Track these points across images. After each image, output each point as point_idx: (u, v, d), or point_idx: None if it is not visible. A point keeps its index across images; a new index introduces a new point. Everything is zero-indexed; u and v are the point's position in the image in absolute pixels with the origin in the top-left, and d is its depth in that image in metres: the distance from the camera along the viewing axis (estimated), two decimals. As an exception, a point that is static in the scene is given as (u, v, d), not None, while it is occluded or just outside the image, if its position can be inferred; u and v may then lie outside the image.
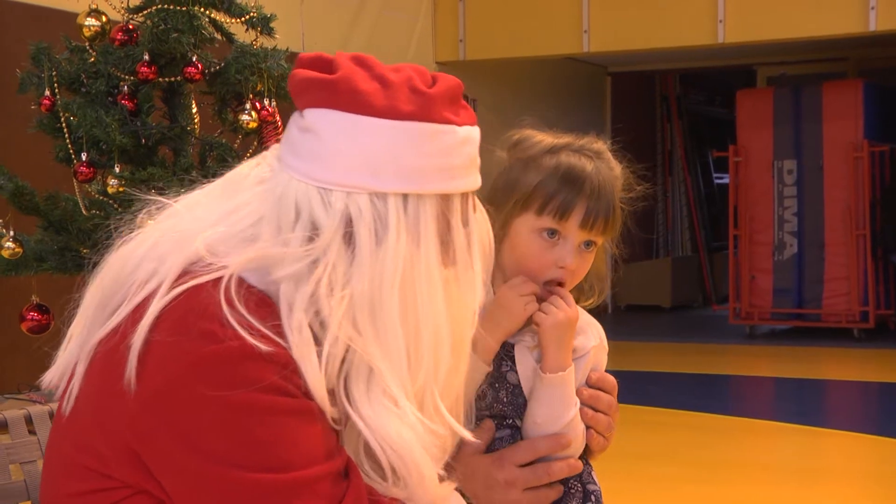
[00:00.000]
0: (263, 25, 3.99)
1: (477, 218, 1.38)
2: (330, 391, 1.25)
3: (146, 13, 3.88)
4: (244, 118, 3.87)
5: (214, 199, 1.35)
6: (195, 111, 3.99)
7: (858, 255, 10.03)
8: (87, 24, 3.86)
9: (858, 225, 10.01)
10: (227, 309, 1.22)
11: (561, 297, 1.58)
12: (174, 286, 1.25)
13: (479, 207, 1.40)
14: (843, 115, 10.08)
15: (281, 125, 3.87)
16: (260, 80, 3.90)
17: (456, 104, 1.32)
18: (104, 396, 1.25)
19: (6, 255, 3.81)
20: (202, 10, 3.87)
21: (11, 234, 3.82)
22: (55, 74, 3.82)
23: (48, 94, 3.81)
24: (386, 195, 1.27)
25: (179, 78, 3.85)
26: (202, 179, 1.41)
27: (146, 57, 3.77)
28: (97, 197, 3.85)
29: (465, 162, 1.32)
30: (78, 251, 3.79)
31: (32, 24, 5.79)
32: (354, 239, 1.26)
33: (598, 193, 1.58)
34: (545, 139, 1.64)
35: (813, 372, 8.73)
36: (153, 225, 1.35)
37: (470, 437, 1.34)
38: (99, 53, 3.86)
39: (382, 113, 1.27)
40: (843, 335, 10.09)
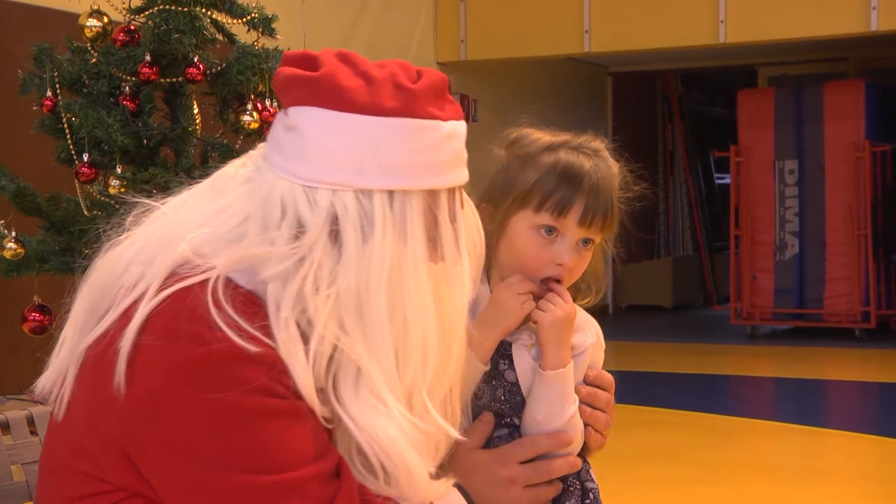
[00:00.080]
0: (265, 26, 3.99)
1: (465, 213, 1.37)
2: (320, 390, 1.24)
3: (148, 14, 3.88)
4: (246, 119, 3.87)
5: (201, 199, 1.34)
6: (197, 112, 3.99)
7: (860, 255, 10.03)
8: (88, 24, 3.86)
9: (860, 225, 10.01)
10: (214, 310, 1.21)
11: (558, 293, 1.58)
12: (161, 289, 1.24)
13: (467, 202, 1.39)
14: (844, 115, 10.08)
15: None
16: (261, 80, 3.91)
17: (441, 99, 1.31)
18: (95, 401, 1.25)
19: (8, 255, 3.82)
20: (204, 10, 3.88)
21: (13, 234, 3.83)
22: (57, 75, 3.82)
23: (50, 94, 3.81)
24: (371, 192, 1.26)
25: (181, 79, 3.85)
26: (203, 180, 1.40)
27: (148, 58, 3.77)
28: (99, 198, 3.85)
29: (450, 157, 1.30)
30: (80, 252, 3.79)
31: (32, 24, 5.80)
32: (341, 237, 1.26)
33: (596, 191, 1.58)
34: (543, 137, 1.64)
35: (814, 372, 8.73)
36: (141, 228, 1.34)
37: (457, 434, 1.33)
38: (100, 54, 3.86)
39: (366, 109, 1.26)
40: (844, 335, 10.09)
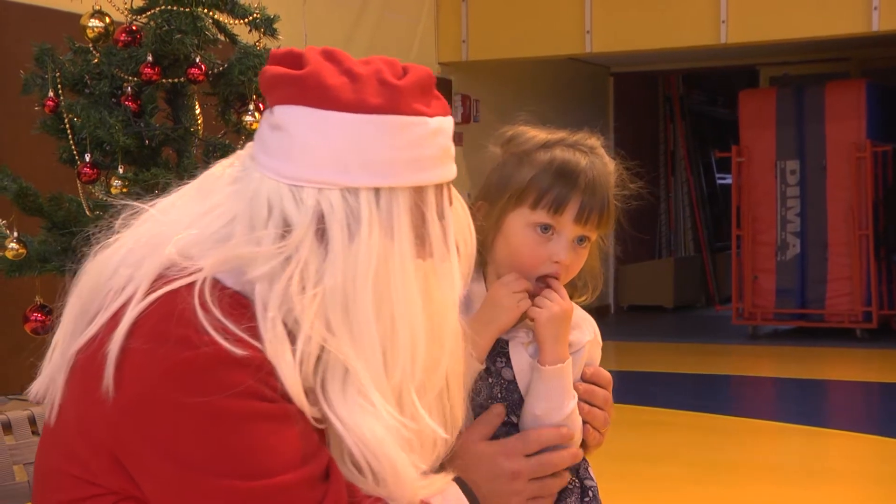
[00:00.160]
0: (267, 26, 3.99)
1: (455, 209, 1.36)
2: (310, 391, 1.24)
3: (149, 14, 3.88)
4: (247, 119, 3.87)
5: (189, 200, 1.34)
6: (198, 112, 3.99)
7: (861, 255, 10.03)
8: (90, 25, 3.86)
9: (861, 225, 10.01)
10: (201, 313, 1.21)
11: (554, 289, 1.58)
12: (149, 292, 1.24)
13: (456, 198, 1.38)
14: (845, 115, 10.08)
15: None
16: (263, 81, 3.90)
17: (427, 95, 1.30)
18: (85, 405, 1.25)
19: (10, 255, 3.82)
20: (205, 11, 3.88)
21: (15, 234, 3.83)
22: (59, 76, 3.82)
23: (52, 95, 3.81)
24: (358, 190, 1.25)
25: (183, 79, 3.85)
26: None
27: (150, 58, 3.77)
28: (101, 198, 3.85)
29: (437, 153, 1.30)
30: (81, 252, 3.79)
31: (33, 24, 5.80)
32: (327, 235, 1.25)
33: (592, 188, 1.58)
34: (539, 135, 1.63)
35: (815, 372, 8.73)
36: (129, 230, 1.34)
37: (443, 433, 1.31)
38: (102, 55, 3.86)
39: (351, 107, 1.25)
40: (845, 335, 10.09)
